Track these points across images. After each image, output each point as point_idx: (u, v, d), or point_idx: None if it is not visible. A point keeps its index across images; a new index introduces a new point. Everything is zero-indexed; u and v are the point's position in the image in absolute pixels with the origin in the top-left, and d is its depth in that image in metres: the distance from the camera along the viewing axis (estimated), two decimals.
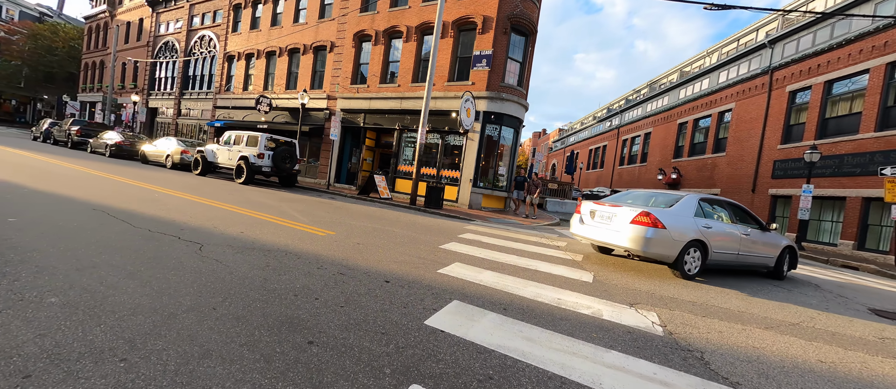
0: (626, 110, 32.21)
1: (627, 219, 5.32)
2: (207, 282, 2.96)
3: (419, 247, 5.35)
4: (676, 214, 5.34)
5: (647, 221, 5.13)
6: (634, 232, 5.16)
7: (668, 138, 24.85)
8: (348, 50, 15.80)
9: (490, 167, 13.03)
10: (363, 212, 8.65)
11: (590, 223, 5.98)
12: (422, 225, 7.68)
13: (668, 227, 5.09)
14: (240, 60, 20.03)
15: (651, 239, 5.04)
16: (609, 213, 5.69)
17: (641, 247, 5.10)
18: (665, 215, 5.21)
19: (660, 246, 5.07)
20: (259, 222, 5.71)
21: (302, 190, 12.59)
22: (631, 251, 5.36)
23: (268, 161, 11.63)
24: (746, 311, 4.02)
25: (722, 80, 20.64)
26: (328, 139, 16.18)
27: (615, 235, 5.43)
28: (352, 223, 6.69)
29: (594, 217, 5.95)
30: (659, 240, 5.05)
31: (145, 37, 25.89)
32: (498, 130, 12.75)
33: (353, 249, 4.72)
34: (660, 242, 5.05)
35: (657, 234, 5.05)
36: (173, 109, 23.65)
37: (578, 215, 6.30)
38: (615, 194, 6.74)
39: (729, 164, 19.06)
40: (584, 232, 6.00)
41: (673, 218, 5.23)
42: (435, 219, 9.17)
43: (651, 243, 5.05)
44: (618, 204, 5.75)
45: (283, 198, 9.34)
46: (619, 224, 5.43)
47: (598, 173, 35.84)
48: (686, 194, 5.88)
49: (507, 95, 12.43)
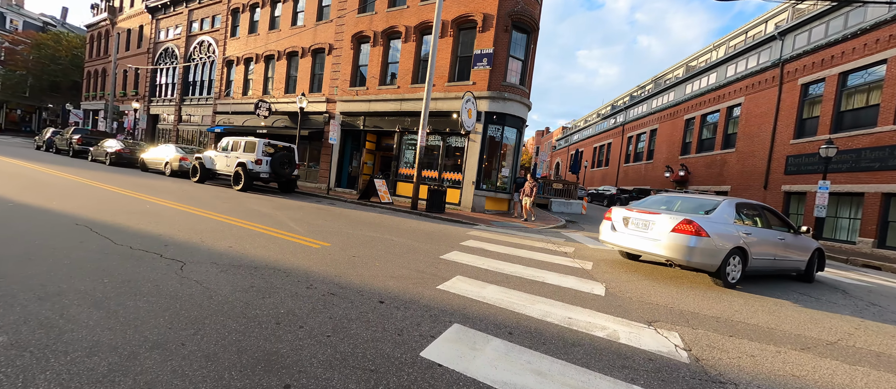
0: (631, 107, 31.70)
1: (668, 227, 5.09)
2: (182, 309, 2.68)
3: (418, 258, 5.05)
4: (718, 221, 5.14)
5: (690, 229, 4.89)
6: (677, 241, 4.93)
7: (674, 135, 24.35)
8: (347, 52, 15.56)
9: (493, 169, 12.71)
10: (362, 219, 8.38)
11: (623, 231, 5.72)
12: (423, 232, 7.39)
13: (711, 235, 4.87)
14: (239, 65, 19.89)
15: (694, 248, 4.83)
16: (646, 220, 5.43)
17: (684, 257, 4.89)
18: (708, 223, 4.99)
19: (703, 255, 4.84)
20: (251, 234, 5.45)
21: (301, 196, 12.36)
22: (672, 261, 5.12)
23: (266, 167, 11.40)
24: (777, 328, 3.66)
25: (730, 74, 20.12)
26: (328, 143, 15.94)
27: (653, 244, 5.21)
28: (349, 232, 6.41)
29: (628, 225, 5.69)
30: (702, 249, 4.83)
31: (146, 44, 25.90)
32: (500, 131, 12.43)
33: (348, 262, 4.44)
34: (703, 251, 4.84)
35: (701, 243, 4.83)
36: (174, 115, 23.60)
37: (609, 223, 6.02)
38: (643, 200, 6.47)
39: (739, 160, 18.55)
40: (617, 240, 5.77)
41: (715, 226, 5.02)
42: (436, 224, 8.87)
43: (694, 252, 4.83)
44: (655, 211, 5.48)
45: (280, 205, 9.09)
46: (658, 233, 5.21)
47: (603, 172, 35.33)
48: (722, 199, 5.63)
49: (509, 94, 12.10)
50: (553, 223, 11.32)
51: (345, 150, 16.05)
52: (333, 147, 15.79)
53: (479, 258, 5.47)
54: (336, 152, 15.81)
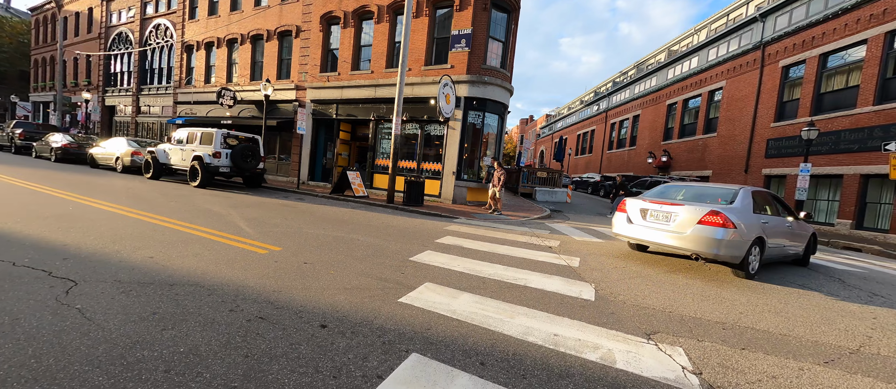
0: (614, 93, 31.53)
1: (693, 219, 4.86)
2: (33, 356, 1.95)
3: (384, 261, 4.39)
4: (741, 211, 4.94)
5: (718, 221, 4.66)
6: (704, 234, 4.71)
7: (657, 120, 24.28)
8: (316, 34, 14.44)
9: (474, 158, 12.08)
10: (330, 216, 7.62)
11: (641, 224, 5.44)
12: (395, 229, 6.71)
13: (737, 226, 4.66)
14: (199, 50, 18.36)
15: (722, 241, 4.60)
16: (666, 212, 5.19)
17: (711, 249, 4.67)
18: (733, 214, 4.76)
19: (730, 247, 4.64)
20: (187, 238, 4.64)
21: (268, 191, 11.43)
22: (699, 254, 4.92)
23: (226, 160, 10.40)
24: (790, 333, 3.20)
25: (712, 57, 20.00)
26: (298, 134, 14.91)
27: (676, 237, 4.97)
28: (309, 233, 5.66)
29: (646, 217, 5.41)
30: (729, 241, 4.61)
31: (97, 28, 23.71)
32: (481, 117, 11.76)
33: (296, 271, 3.73)
34: (730, 243, 4.62)
35: (728, 235, 4.61)
36: (132, 106, 21.81)
37: (623, 215, 5.76)
38: (655, 190, 6.20)
39: (720, 144, 18.55)
40: (634, 233, 5.50)
41: (740, 216, 4.82)
42: (412, 219, 8.20)
43: (722, 244, 4.61)
44: (677, 202, 5.25)
45: (238, 203, 8.21)
46: (681, 225, 4.97)
47: (586, 159, 35.31)
48: (738, 187, 5.41)
49: (489, 78, 11.41)
50: (538, 213, 10.84)
51: (318, 141, 15.06)
52: (303, 138, 14.79)
53: (455, 258, 4.85)
54: (308, 144, 14.82)
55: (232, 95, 15.93)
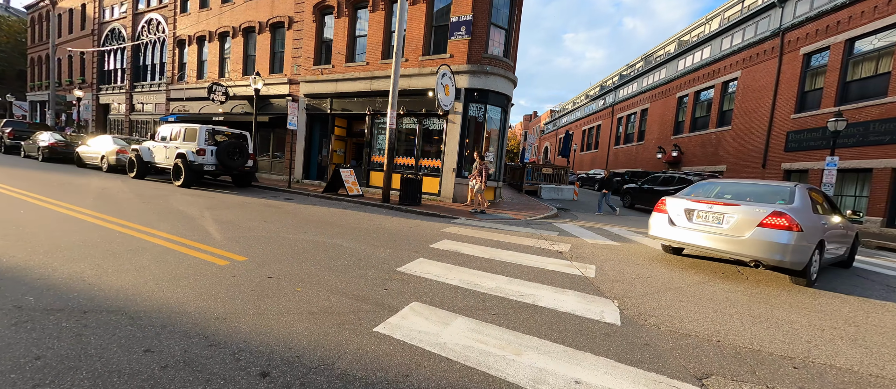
0: (621, 87, 30.57)
1: (752, 221, 4.26)
2: None
3: (366, 273, 3.71)
4: (803, 211, 4.35)
5: (783, 223, 4.08)
6: (767, 237, 4.13)
7: (666, 114, 23.36)
8: (309, 25, 13.76)
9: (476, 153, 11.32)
10: (316, 217, 6.95)
11: (686, 225, 4.83)
12: (386, 231, 6.03)
13: (804, 229, 4.12)
14: (191, 45, 17.76)
15: (788, 246, 4.03)
16: (718, 213, 4.56)
17: (776, 255, 4.05)
18: (798, 215, 4.18)
19: (796, 253, 4.07)
20: (141, 247, 3.99)
21: (258, 191, 10.80)
22: (760, 261, 4.27)
23: (211, 158, 9.78)
24: (882, 373, 2.48)
25: (725, 47, 19.04)
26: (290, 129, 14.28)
27: (731, 241, 4.36)
28: (286, 238, 5.00)
29: (693, 219, 4.79)
30: (795, 246, 4.04)
31: (90, 24, 23.21)
32: (483, 110, 11.02)
33: (255, 289, 3.06)
34: (796, 248, 4.05)
35: (794, 239, 4.04)
36: (126, 104, 21.31)
37: (663, 216, 5.14)
38: (693, 187, 5.60)
39: (735, 138, 17.65)
40: (677, 236, 4.87)
41: (804, 217, 4.24)
42: (407, 220, 7.52)
43: (788, 250, 4.04)
44: (731, 202, 4.61)
45: (218, 204, 7.57)
46: (737, 228, 4.36)
47: (592, 154, 34.42)
48: (791, 185, 4.80)
49: (491, 67, 10.66)
50: (544, 212, 10.11)
51: (313, 137, 14.42)
52: (297, 134, 14.16)
53: (451, 267, 4.16)
54: (302, 140, 14.18)
55: (224, 90, 15.32)
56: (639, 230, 8.52)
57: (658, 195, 13.20)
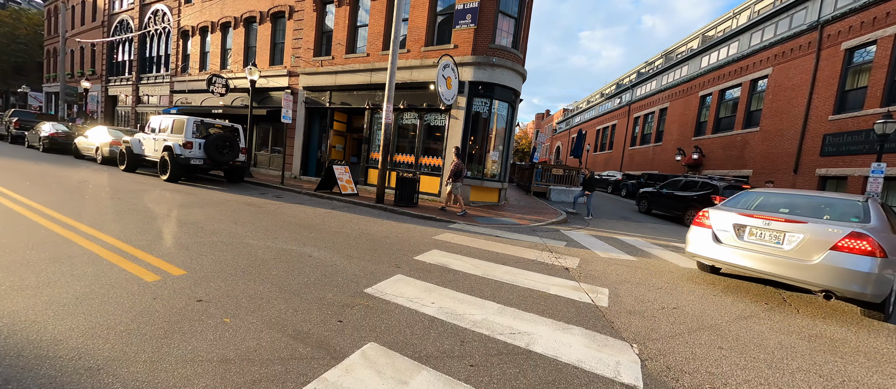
0: (638, 85, 29.22)
1: (823, 243, 3.46)
2: None
3: (324, 296, 3.02)
4: (883, 232, 3.55)
5: (863, 247, 3.30)
6: (844, 264, 3.33)
7: (687, 114, 22.05)
8: (309, 14, 13.17)
9: (482, 152, 10.56)
10: (297, 219, 6.32)
11: (735, 244, 4.02)
12: (369, 239, 5.34)
13: (888, 254, 3.35)
14: (194, 36, 17.45)
15: (871, 275, 3.25)
16: (777, 231, 3.76)
17: (855, 286, 3.32)
18: (880, 237, 3.39)
19: (880, 284, 3.29)
20: (63, 255, 3.40)
21: (249, 187, 10.28)
22: (832, 291, 3.50)
23: (198, 152, 9.28)
24: None
25: (755, 42, 17.69)
26: (291, 124, 13.76)
27: (795, 266, 3.56)
28: (248, 245, 4.36)
29: (744, 236, 4.00)
30: (880, 276, 3.27)
31: (100, 16, 23.26)
32: (488, 105, 10.22)
33: (170, 319, 2.40)
34: (881, 278, 3.28)
35: (878, 266, 3.25)
36: (132, 95, 21.26)
37: (706, 231, 4.31)
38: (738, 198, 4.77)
39: (764, 140, 16.36)
40: (724, 257, 4.05)
41: (886, 239, 3.48)
42: (398, 223, 6.82)
43: (871, 280, 3.25)
44: (793, 219, 3.76)
45: (195, 201, 7.02)
46: (803, 250, 3.58)
47: (606, 155, 33.13)
48: (862, 198, 4.03)
49: (498, 59, 9.85)
50: (551, 217, 9.28)
51: (311, 132, 13.87)
52: (295, 129, 13.63)
53: (432, 288, 3.44)
54: (300, 135, 13.65)
55: (224, 82, 14.91)
56: (658, 241, 7.63)
57: (679, 201, 12.18)
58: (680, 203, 12.11)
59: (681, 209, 12.04)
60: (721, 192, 11.03)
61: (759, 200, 4.55)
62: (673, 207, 12.47)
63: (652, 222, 11.68)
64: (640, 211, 14.25)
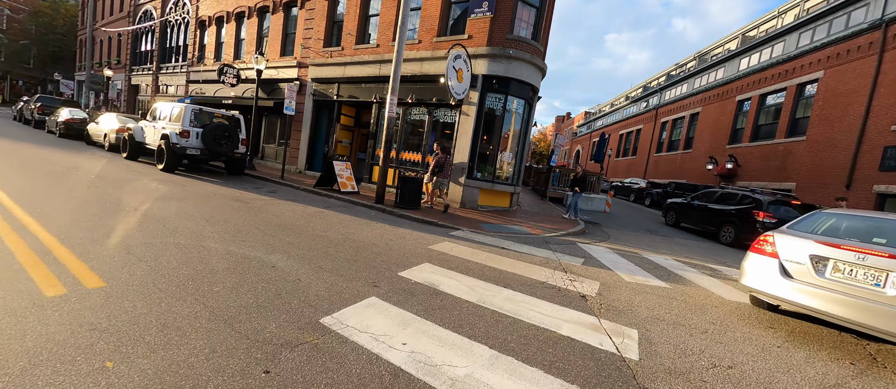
0: (667, 88, 27.55)
1: None
2: None
3: (265, 326, 2.32)
4: None
5: None
6: None
7: (721, 119, 20.43)
8: (321, 3, 12.69)
9: (495, 152, 9.72)
10: (278, 219, 5.70)
11: (814, 282, 3.11)
12: (353, 246, 4.64)
13: None
14: (211, 26, 17.38)
15: None
16: (878, 269, 2.86)
17: None
18: None
19: None
20: None
21: (247, 180, 9.84)
22: None
23: (196, 141, 8.89)
24: None
25: (803, 43, 16.05)
26: (298, 117, 13.34)
27: None
28: (204, 249, 3.73)
29: (825, 271, 3.08)
30: None
31: (127, 6, 23.77)
32: (502, 101, 9.38)
33: (32, 360, 1.74)
34: None
35: None
36: (152, 85, 21.56)
37: (770, 261, 3.40)
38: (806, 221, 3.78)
39: (811, 151, 14.77)
40: (798, 297, 3.15)
41: None
42: (393, 228, 6.11)
43: None
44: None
45: (177, 194, 6.53)
46: None
47: (629, 161, 31.51)
48: None
49: (515, 51, 8.99)
50: (567, 226, 8.37)
51: (319, 125, 13.40)
52: (303, 122, 13.19)
53: (409, 319, 2.69)
54: (307, 128, 13.20)
55: (235, 72, 14.66)
56: (693, 261, 6.61)
57: (714, 216, 10.97)
58: (715, 218, 10.89)
59: (716, 224, 10.83)
60: (765, 207, 9.79)
61: (837, 223, 3.57)
62: (706, 221, 11.26)
63: (681, 236, 10.53)
64: (666, 223, 13.06)
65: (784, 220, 9.53)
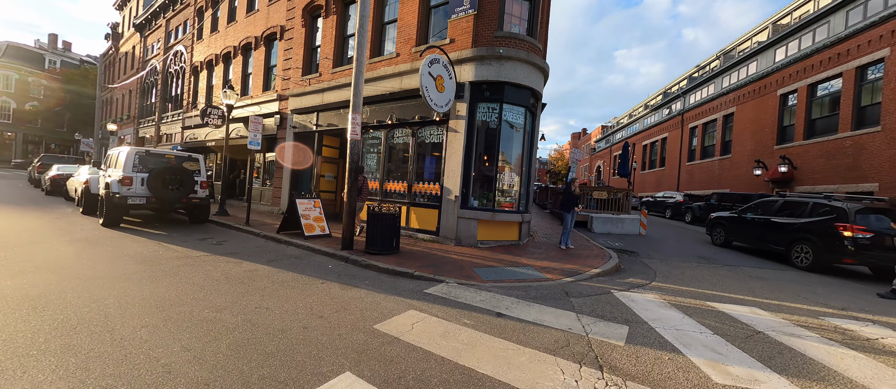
0: (691, 91, 25.27)
1: None
2: None
3: None
4: None
5: None
6: None
7: (762, 118, 17.88)
8: (299, 31, 11.81)
9: (494, 173, 7.92)
10: (177, 288, 4.04)
11: None
12: (245, 337, 2.86)
13: None
14: (203, 71, 17.10)
15: None
16: None
17: None
18: None
19: None
20: None
21: (204, 229, 8.44)
22: None
23: (140, 188, 7.63)
24: None
25: (854, 21, 13.78)
26: (281, 153, 12.16)
27: None
28: None
29: None
30: None
31: (136, 64, 24.55)
32: (497, 111, 7.67)
33: None
34: None
35: None
36: (155, 135, 21.54)
37: None
38: None
39: (891, 143, 12.06)
40: None
41: None
42: (345, 289, 4.30)
43: None
44: None
45: (74, 262, 5.06)
46: None
47: (657, 174, 28.75)
48: None
49: (507, 49, 7.40)
50: (594, 262, 6.28)
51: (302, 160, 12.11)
52: (285, 158, 11.95)
53: None
54: (289, 163, 11.93)
55: (220, 113, 13.90)
56: (794, 308, 4.34)
57: (779, 231, 8.51)
58: (782, 234, 8.47)
59: (784, 243, 8.39)
60: (852, 218, 7.36)
61: None
62: (769, 238, 8.83)
63: (746, 262, 8.11)
64: (714, 243, 10.60)
65: (881, 233, 7.09)
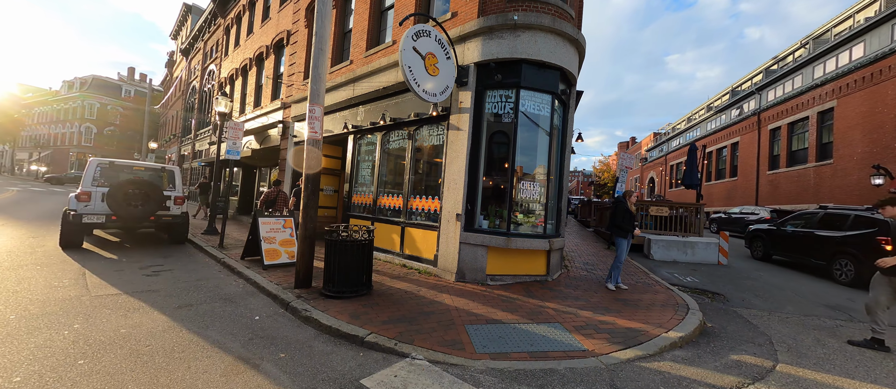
0: (768, 86, 21.14)
1: None
2: None
3: None
4: None
5: None
6: None
7: (879, 113, 13.87)
8: (302, 33, 10.90)
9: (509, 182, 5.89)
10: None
11: None
12: None
13: None
14: (227, 86, 17.16)
15: None
16: None
17: None
18: None
19: None
20: None
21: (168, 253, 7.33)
22: None
23: (98, 205, 6.72)
24: None
25: None
26: (281, 165, 11.15)
27: None
28: None
29: None
30: None
31: (182, 86, 26.11)
32: (512, 101, 5.71)
33: None
34: None
35: None
36: (191, 152, 22.32)
37: None
38: None
39: None
40: None
41: None
42: (233, 377, 2.58)
43: None
44: None
45: None
46: None
47: (728, 185, 24.33)
48: None
49: (524, 15, 5.49)
50: (664, 317, 4.00)
51: None
52: (285, 171, 10.91)
53: None
54: (290, 176, 10.85)
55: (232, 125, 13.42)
56: None
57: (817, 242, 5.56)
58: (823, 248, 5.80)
59: (825, 257, 5.70)
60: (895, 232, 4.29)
61: None
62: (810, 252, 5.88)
63: None
64: (753, 257, 7.70)
65: None
